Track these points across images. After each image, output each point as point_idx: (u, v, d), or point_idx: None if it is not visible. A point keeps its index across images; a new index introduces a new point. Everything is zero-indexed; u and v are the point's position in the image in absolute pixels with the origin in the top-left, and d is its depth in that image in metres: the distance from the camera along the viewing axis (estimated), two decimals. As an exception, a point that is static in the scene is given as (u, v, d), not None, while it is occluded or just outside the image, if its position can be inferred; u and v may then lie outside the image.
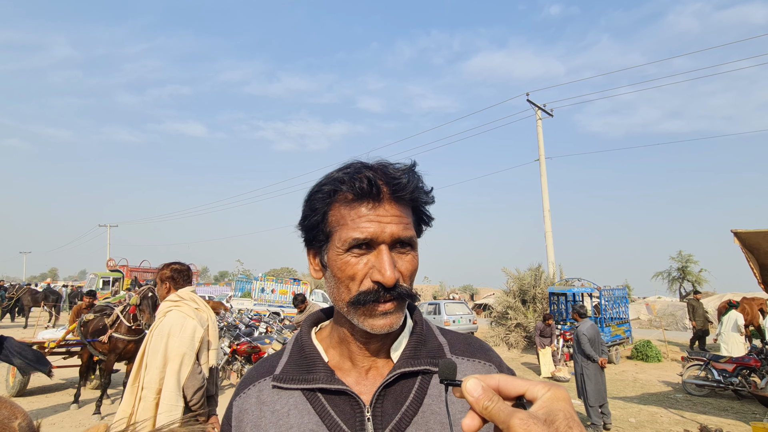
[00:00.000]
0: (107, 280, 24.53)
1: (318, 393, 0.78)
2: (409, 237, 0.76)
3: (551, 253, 17.86)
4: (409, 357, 0.80)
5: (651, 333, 18.59)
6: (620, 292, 13.73)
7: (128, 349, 6.48)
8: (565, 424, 0.42)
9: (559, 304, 13.56)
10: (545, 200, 18.54)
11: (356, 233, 0.73)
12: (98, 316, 6.77)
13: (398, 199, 0.76)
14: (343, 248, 0.75)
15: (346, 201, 0.76)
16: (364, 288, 0.74)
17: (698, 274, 32.81)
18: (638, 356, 12.71)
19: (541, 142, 19.10)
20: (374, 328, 0.74)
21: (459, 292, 48.43)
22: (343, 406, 0.76)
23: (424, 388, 0.78)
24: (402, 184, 0.75)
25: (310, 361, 0.81)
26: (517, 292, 15.49)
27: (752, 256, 5.70)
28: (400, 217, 0.76)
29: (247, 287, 20.29)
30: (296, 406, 0.78)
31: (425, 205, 0.82)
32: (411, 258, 0.78)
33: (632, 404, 7.96)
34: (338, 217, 0.76)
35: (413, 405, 0.76)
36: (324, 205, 0.77)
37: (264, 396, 0.81)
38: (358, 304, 0.74)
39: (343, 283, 0.76)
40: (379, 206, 0.75)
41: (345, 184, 0.75)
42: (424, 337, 0.84)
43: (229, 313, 14.44)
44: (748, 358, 8.27)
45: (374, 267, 0.74)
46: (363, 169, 0.76)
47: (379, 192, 0.74)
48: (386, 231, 0.74)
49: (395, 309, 0.75)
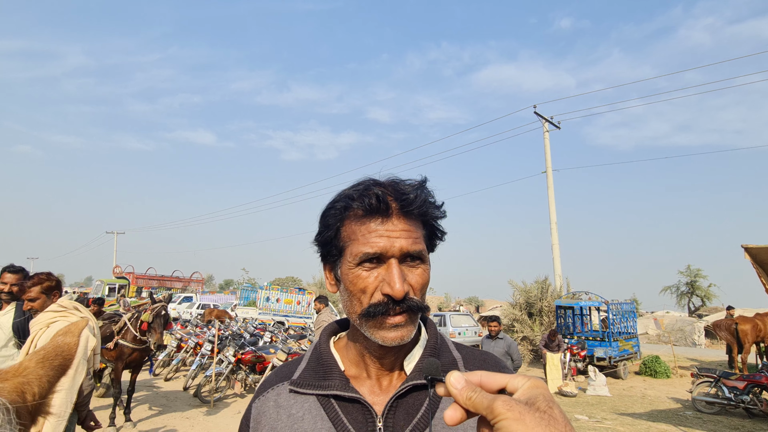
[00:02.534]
0: (113, 287, 24.64)
1: (332, 399, 0.80)
2: (418, 251, 0.78)
3: (558, 265, 17.75)
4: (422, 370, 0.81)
5: (660, 348, 18.33)
6: (628, 306, 13.59)
7: (133, 357, 6.47)
8: (546, 404, 0.45)
9: (566, 318, 13.43)
10: (552, 212, 18.47)
11: (366, 248, 0.76)
12: (106, 323, 6.78)
13: (407, 214, 0.79)
14: (355, 262, 0.77)
15: (357, 217, 0.79)
16: (374, 300, 0.76)
17: (707, 288, 32.37)
18: (647, 372, 12.53)
19: (548, 154, 19.09)
20: (385, 340, 0.76)
21: (464, 303, 48.12)
22: (356, 414, 0.78)
23: (436, 401, 0.80)
24: (410, 199, 0.78)
25: (326, 368, 0.84)
26: (524, 304, 15.39)
27: (763, 271, 5.64)
28: (409, 231, 0.78)
29: (252, 296, 20.28)
30: (310, 410, 0.80)
31: (436, 219, 0.83)
32: (421, 271, 0.80)
33: (641, 421, 7.82)
34: (350, 232, 0.79)
35: (425, 418, 0.77)
36: (336, 221, 0.80)
37: (281, 400, 0.83)
38: (369, 317, 0.76)
39: (355, 296, 0.78)
40: (388, 221, 0.77)
41: (355, 201, 0.78)
42: (438, 351, 0.86)
43: (234, 322, 14.43)
44: (759, 376, 8.12)
45: (384, 280, 0.76)
46: (373, 186, 0.79)
47: (388, 208, 0.77)
48: (395, 245, 0.76)
49: (406, 322, 0.77)
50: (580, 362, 11.32)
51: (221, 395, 8.26)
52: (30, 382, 0.54)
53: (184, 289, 30.56)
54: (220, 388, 8.32)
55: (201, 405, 7.75)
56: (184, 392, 8.61)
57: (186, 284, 32.22)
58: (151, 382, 9.51)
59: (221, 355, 8.39)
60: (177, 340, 10.53)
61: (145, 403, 7.74)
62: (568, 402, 9.30)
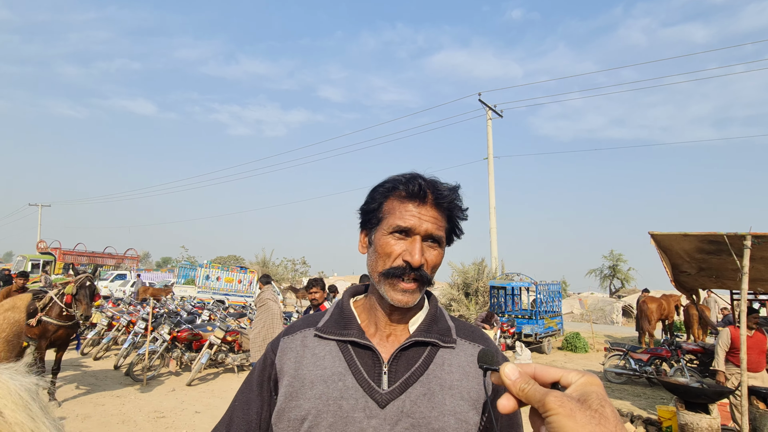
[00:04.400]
0: (37, 263, 22.98)
1: (349, 345, 1.00)
2: (439, 236, 0.99)
3: (495, 248, 18.61)
4: (423, 330, 1.02)
5: (581, 326, 19.86)
6: (555, 287, 14.60)
7: (58, 334, 6.22)
8: (598, 403, 0.46)
9: (498, 297, 14.23)
10: (491, 198, 19.25)
11: (401, 221, 0.97)
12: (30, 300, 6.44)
13: (438, 205, 0.99)
14: (388, 231, 0.98)
15: (400, 197, 0.99)
16: (395, 264, 0.97)
17: (627, 272, 35.24)
18: (568, 347, 13.61)
19: (490, 141, 19.76)
20: (395, 301, 0.97)
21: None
22: (367, 359, 0.98)
23: (431, 357, 1.00)
24: (443, 194, 0.99)
25: (347, 320, 1.04)
26: (461, 285, 16.06)
27: (665, 256, 6.30)
28: (436, 218, 0.99)
29: (191, 274, 19.68)
30: (331, 352, 1.00)
31: (459, 219, 1.05)
32: (437, 253, 1.00)
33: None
34: (390, 207, 1.00)
35: (420, 368, 0.98)
36: (382, 197, 1.01)
37: (307, 341, 1.03)
38: (387, 276, 0.97)
39: (381, 258, 0.98)
40: (422, 206, 0.98)
41: (402, 185, 0.99)
42: (437, 318, 1.06)
43: (170, 300, 14.01)
44: (660, 349, 9.12)
45: (407, 250, 0.96)
46: (418, 178, 1.00)
47: (425, 196, 0.98)
48: (423, 226, 0.97)
49: (414, 290, 0.97)
50: (509, 338, 12.09)
51: (155, 373, 8.11)
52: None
53: (117, 266, 29.02)
54: (154, 366, 8.16)
55: (133, 383, 7.58)
56: (115, 371, 8.36)
57: (119, 261, 30.57)
58: (79, 362, 9.12)
59: (156, 333, 8.20)
60: (108, 318, 10.12)
61: (73, 383, 7.45)
62: (496, 375, 9.97)
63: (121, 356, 8.38)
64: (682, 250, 6.05)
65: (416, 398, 0.94)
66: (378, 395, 0.93)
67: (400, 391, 0.94)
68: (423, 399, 0.94)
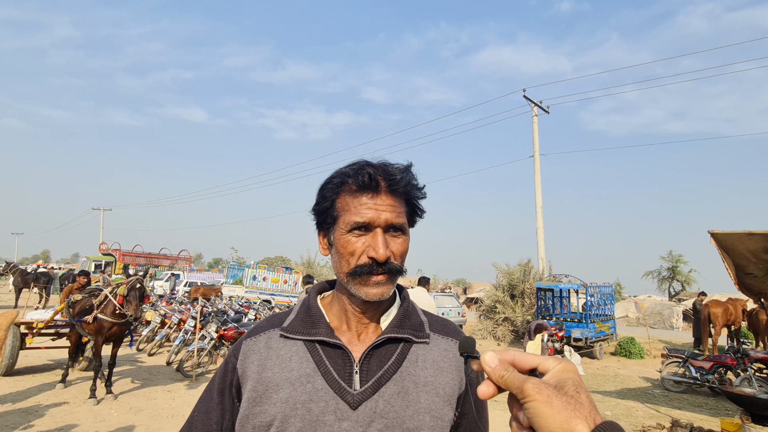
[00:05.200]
0: (99, 264, 24.54)
1: (317, 345, 0.94)
2: (400, 223, 0.93)
3: (542, 249, 18.02)
4: (396, 326, 0.97)
5: (637, 330, 18.83)
6: (606, 289, 13.91)
7: (113, 331, 6.56)
8: (574, 389, 0.48)
9: (546, 300, 13.74)
10: (538, 196, 18.66)
11: (357, 217, 0.90)
12: (86, 297, 6.84)
13: (393, 192, 0.93)
14: (346, 229, 0.91)
15: (351, 191, 0.93)
16: (361, 262, 0.91)
17: (688, 274, 33.14)
18: (621, 352, 12.93)
19: (536, 139, 19.18)
20: (368, 295, 0.91)
21: (452, 285, 48.71)
22: (337, 359, 0.93)
23: (404, 353, 0.95)
24: (396, 179, 0.93)
25: (314, 319, 0.98)
26: (506, 286, 15.65)
27: (728, 257, 5.82)
28: (393, 206, 0.93)
29: (239, 274, 20.36)
30: (298, 353, 0.94)
31: (417, 199, 0.99)
32: (402, 241, 0.95)
33: (610, 398, 8.14)
34: (344, 204, 0.93)
35: (394, 365, 0.93)
36: (333, 194, 0.95)
37: (272, 342, 0.97)
38: (355, 275, 0.91)
39: (344, 258, 0.92)
40: (377, 197, 0.92)
41: (351, 177, 0.92)
42: (409, 313, 1.02)
43: (219, 299, 14.54)
44: (725, 357, 8.45)
45: (370, 246, 0.91)
46: (366, 167, 0.93)
47: (378, 185, 0.92)
48: (381, 217, 0.91)
49: (386, 281, 0.92)
50: (558, 342, 11.64)
51: (203, 370, 8.41)
52: None
53: (172, 266, 30.52)
54: (202, 363, 8.46)
55: (183, 379, 7.89)
56: (167, 367, 8.74)
57: (173, 262, 32.16)
58: (134, 357, 9.63)
59: (204, 331, 8.51)
60: (161, 316, 10.62)
61: (128, 377, 7.87)
62: (542, 380, 9.60)
63: (172, 353, 8.76)
64: (746, 250, 5.57)
65: (390, 397, 0.90)
66: (349, 396, 0.89)
67: (372, 390, 0.90)
68: (397, 398, 0.90)
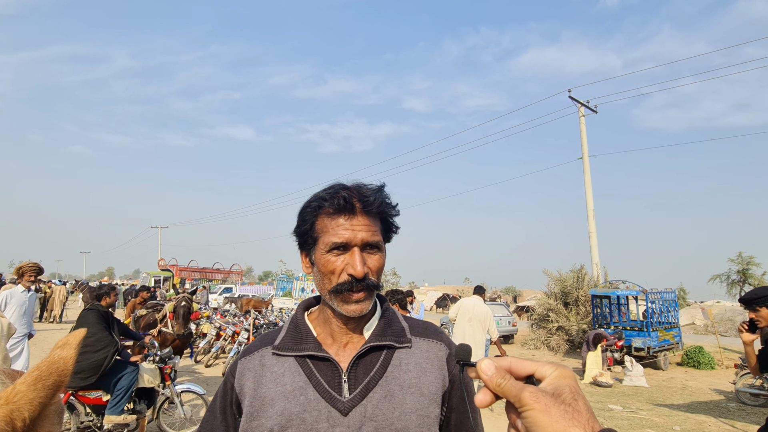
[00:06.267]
0: (158, 279, 25.88)
1: (307, 359, 1.02)
2: (376, 241, 1.00)
3: (595, 254, 17.27)
4: (378, 335, 1.04)
5: (705, 339, 17.58)
6: (669, 295, 13.09)
7: (175, 344, 6.86)
8: (571, 396, 0.48)
9: (602, 307, 13.10)
10: (589, 199, 17.95)
11: (335, 238, 0.98)
12: (150, 312, 7.22)
13: (368, 212, 1.01)
14: (326, 250, 0.99)
15: (328, 214, 1.00)
16: (341, 280, 0.98)
17: (761, 277, 30.61)
18: (689, 363, 12.09)
19: (584, 140, 18.51)
20: (348, 312, 0.99)
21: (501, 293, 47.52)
22: (326, 370, 1.00)
23: (388, 359, 1.02)
24: (370, 201, 1.00)
25: (303, 335, 1.05)
26: (559, 294, 15.08)
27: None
28: (368, 226, 1.00)
29: (289, 286, 20.85)
30: (290, 369, 1.01)
31: (391, 217, 1.06)
32: (378, 258, 1.02)
33: (679, 412, 7.60)
34: (322, 226, 1.01)
35: (379, 371, 1.00)
36: (312, 217, 1.02)
37: (265, 360, 1.04)
38: (337, 293, 0.98)
39: (326, 276, 1.00)
40: (353, 218, 0.99)
41: (327, 201, 0.99)
42: (390, 321, 1.09)
43: (270, 311, 14.91)
44: (809, 367, 7.71)
45: (349, 264, 0.98)
46: (341, 190, 1.00)
47: (353, 207, 0.99)
48: (358, 237, 0.98)
49: (365, 298, 1.00)
50: (617, 352, 11.05)
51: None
52: (20, 407, 0.51)
53: (224, 280, 31.72)
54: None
55: (239, 390, 8.11)
56: (223, 378, 9.03)
57: (226, 276, 33.42)
58: (192, 368, 10.01)
59: (257, 343, 8.75)
60: (216, 328, 11.02)
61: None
62: (603, 392, 9.13)
63: (227, 364, 9.05)
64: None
65: (377, 401, 0.96)
66: (340, 404, 0.96)
67: (361, 396, 0.97)
68: (384, 401, 0.96)
